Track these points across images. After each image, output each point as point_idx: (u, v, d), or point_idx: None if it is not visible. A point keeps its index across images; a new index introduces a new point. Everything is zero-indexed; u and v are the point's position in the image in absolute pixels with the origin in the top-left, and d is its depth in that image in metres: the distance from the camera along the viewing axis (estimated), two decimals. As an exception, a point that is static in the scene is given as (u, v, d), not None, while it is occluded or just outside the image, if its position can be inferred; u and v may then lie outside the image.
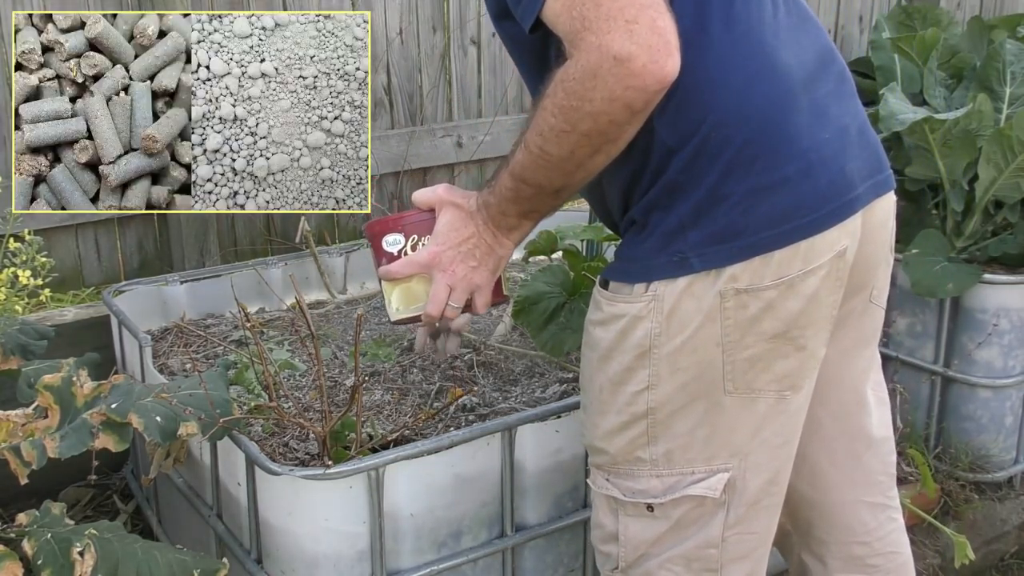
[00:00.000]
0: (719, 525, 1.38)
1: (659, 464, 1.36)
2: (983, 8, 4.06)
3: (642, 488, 1.38)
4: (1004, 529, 2.52)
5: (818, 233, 1.27)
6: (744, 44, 1.25)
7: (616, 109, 1.16)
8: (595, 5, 1.12)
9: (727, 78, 1.24)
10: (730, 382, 1.31)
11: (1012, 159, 2.36)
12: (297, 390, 1.95)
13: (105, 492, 2.35)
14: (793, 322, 1.29)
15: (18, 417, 1.47)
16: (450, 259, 1.38)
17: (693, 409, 1.33)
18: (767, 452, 1.37)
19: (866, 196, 1.34)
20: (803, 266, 1.27)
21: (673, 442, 1.35)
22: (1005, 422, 2.54)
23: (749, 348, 1.30)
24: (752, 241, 1.25)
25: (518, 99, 3.06)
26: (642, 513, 1.39)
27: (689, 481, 1.36)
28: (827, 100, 1.31)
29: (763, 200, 1.24)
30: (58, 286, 2.45)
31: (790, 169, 1.25)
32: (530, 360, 2.06)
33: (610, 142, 1.22)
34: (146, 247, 2.55)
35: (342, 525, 1.56)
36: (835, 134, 1.30)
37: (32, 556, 1.37)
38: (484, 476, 1.68)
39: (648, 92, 1.15)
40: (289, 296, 2.34)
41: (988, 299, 2.44)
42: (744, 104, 1.24)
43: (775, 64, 1.26)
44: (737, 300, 1.27)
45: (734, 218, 1.24)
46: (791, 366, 1.33)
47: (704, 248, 1.26)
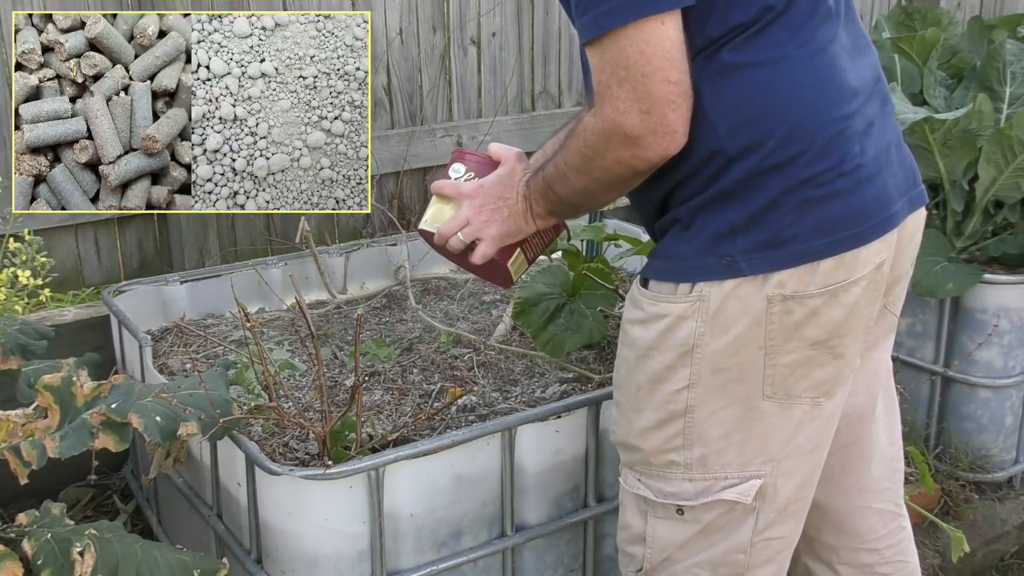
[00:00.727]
0: (748, 531, 1.40)
1: (693, 468, 1.38)
2: (983, 8, 4.06)
3: (674, 491, 1.40)
4: (1004, 529, 2.52)
5: (863, 245, 1.31)
6: (817, 64, 1.29)
7: (622, 169, 1.29)
8: (618, 84, 1.22)
9: (798, 97, 1.28)
10: (769, 386, 1.34)
11: (1012, 159, 2.36)
12: (297, 390, 1.95)
13: (105, 492, 2.35)
14: (835, 330, 1.33)
15: (18, 417, 1.47)
16: (482, 201, 1.47)
17: (731, 412, 1.35)
18: (799, 458, 1.39)
19: (903, 211, 1.38)
20: (847, 276, 1.30)
21: (708, 446, 1.37)
22: (1005, 422, 2.54)
23: (791, 354, 1.33)
24: (800, 249, 1.28)
25: (518, 99, 3.06)
26: (672, 516, 1.41)
27: (722, 486, 1.38)
28: (875, 118, 1.35)
29: (813, 210, 1.28)
30: (58, 286, 2.45)
31: (842, 183, 1.29)
32: (530, 360, 2.06)
33: (619, 189, 1.36)
34: (146, 247, 2.55)
35: (342, 525, 1.56)
36: (880, 151, 1.34)
37: (32, 556, 1.37)
38: (484, 476, 1.68)
39: (651, 163, 1.27)
40: (289, 296, 2.34)
41: (988, 299, 2.44)
42: (812, 124, 1.28)
43: (841, 84, 1.31)
44: (783, 306, 1.30)
45: (784, 226, 1.28)
46: (828, 373, 1.36)
47: (753, 253, 1.29)
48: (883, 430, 1.59)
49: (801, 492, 1.42)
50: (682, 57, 1.22)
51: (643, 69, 1.20)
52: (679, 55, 1.22)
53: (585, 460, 1.79)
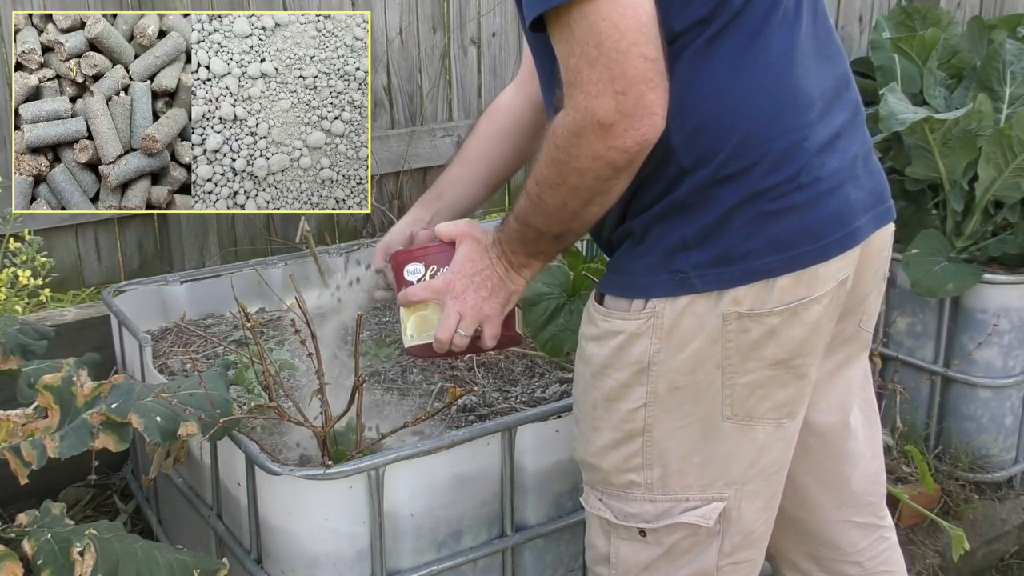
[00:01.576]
0: (714, 555, 1.36)
1: (654, 488, 1.35)
2: (983, 8, 4.06)
3: (635, 512, 1.37)
4: (1004, 529, 2.52)
5: (822, 262, 1.26)
6: (775, 73, 1.24)
7: (599, 166, 1.18)
8: (589, 66, 1.12)
9: (752, 106, 1.23)
10: (728, 407, 1.30)
11: (1012, 159, 2.36)
12: (297, 390, 1.95)
13: (105, 492, 2.35)
14: (796, 350, 1.29)
15: (18, 417, 1.47)
16: (463, 287, 1.39)
17: (690, 432, 1.31)
18: (763, 480, 1.36)
19: (868, 227, 1.33)
20: (807, 293, 1.26)
21: (668, 467, 1.33)
22: (1005, 422, 2.54)
23: (750, 373, 1.28)
24: (755, 265, 1.24)
25: (518, 99, 3.05)
26: (634, 537, 1.38)
27: (683, 508, 1.34)
28: (840, 129, 1.30)
29: (769, 226, 1.23)
30: (58, 286, 2.45)
31: (799, 197, 1.24)
32: (530, 360, 2.06)
33: (600, 195, 1.23)
34: (146, 247, 2.55)
35: (342, 525, 1.56)
36: (844, 164, 1.29)
37: (32, 556, 1.37)
38: (484, 476, 1.68)
39: (629, 153, 1.16)
40: (289, 296, 2.34)
41: (988, 299, 2.44)
42: (766, 134, 1.23)
43: (799, 93, 1.25)
44: (739, 324, 1.25)
45: (738, 241, 1.23)
46: (790, 394, 1.32)
47: (706, 269, 1.24)
48: (864, 444, 1.56)
49: (765, 514, 1.40)
50: (658, 32, 1.13)
51: (617, 45, 1.10)
52: (655, 30, 1.13)
53: (585, 460, 1.79)
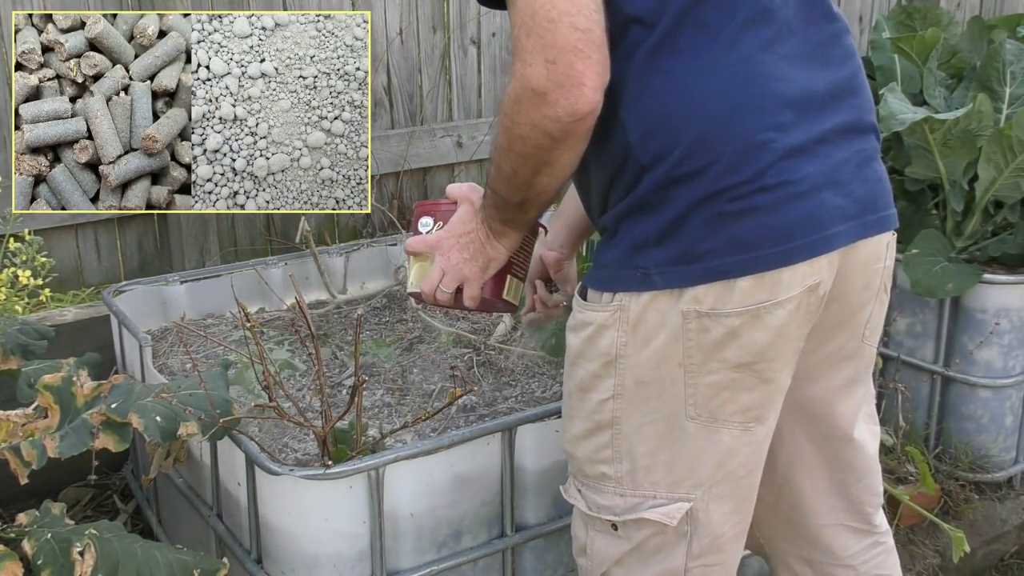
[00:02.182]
0: (682, 556, 1.37)
1: (623, 482, 1.36)
2: (983, 8, 4.06)
3: (607, 504, 1.39)
4: (1004, 529, 2.52)
5: (784, 266, 1.24)
6: (737, 74, 1.23)
7: (537, 135, 1.20)
8: (526, 35, 1.16)
9: (709, 106, 1.23)
10: (692, 407, 1.30)
11: (1012, 159, 2.36)
12: (297, 390, 1.95)
13: (105, 492, 2.35)
14: (760, 354, 1.28)
15: (18, 417, 1.47)
16: (448, 246, 1.44)
17: (656, 429, 1.32)
18: (732, 484, 1.36)
19: (848, 235, 1.30)
20: (769, 297, 1.25)
21: (636, 462, 1.35)
22: (1005, 422, 2.54)
23: (712, 374, 1.28)
24: (714, 265, 1.24)
25: (518, 99, 3.06)
26: (607, 530, 1.40)
27: (649, 504, 1.35)
28: (826, 134, 1.28)
29: (727, 226, 1.23)
30: (58, 286, 2.45)
31: (760, 199, 1.23)
32: (530, 360, 2.06)
33: (545, 164, 1.24)
34: (146, 247, 2.55)
35: (342, 525, 1.56)
36: (823, 169, 1.26)
37: (32, 556, 1.37)
38: (484, 476, 1.68)
39: (562, 123, 1.18)
40: (289, 296, 2.34)
41: (988, 299, 2.44)
42: (723, 135, 1.22)
43: (767, 94, 1.24)
44: (699, 323, 1.26)
45: (696, 241, 1.24)
46: (756, 398, 1.31)
47: (666, 267, 1.25)
48: (863, 454, 1.55)
49: (735, 517, 1.39)
50: (593, 6, 1.16)
51: (549, 14, 1.14)
52: (590, 3, 1.15)
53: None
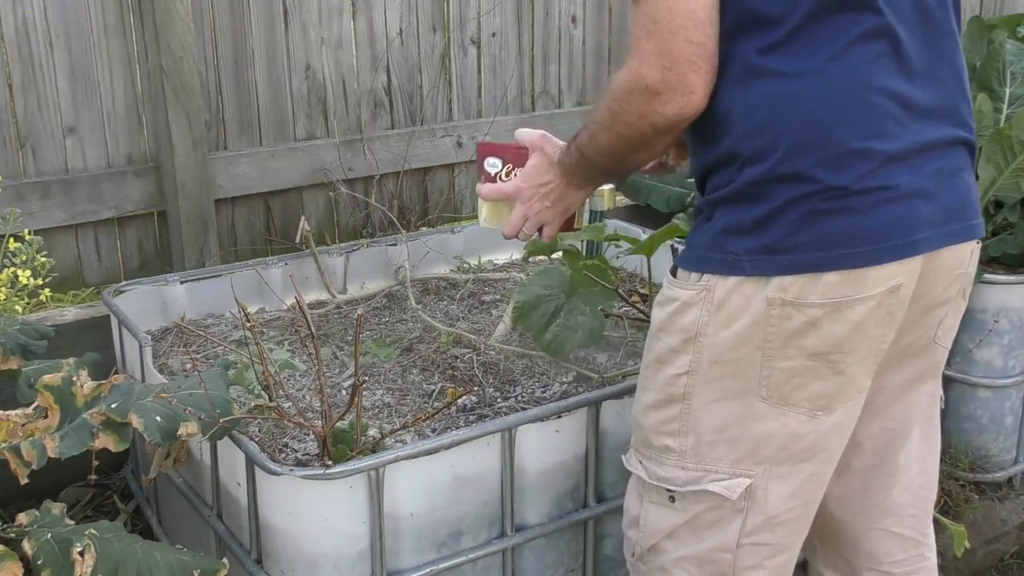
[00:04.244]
0: (735, 531, 1.42)
1: (686, 455, 1.42)
2: (983, 8, 4.06)
3: (667, 476, 1.44)
4: (1004, 529, 2.51)
5: (870, 266, 1.30)
6: (845, 82, 1.29)
7: (643, 125, 1.33)
8: (647, 36, 1.28)
9: (814, 111, 1.28)
10: (765, 388, 1.36)
11: (1012, 159, 2.36)
12: (297, 390, 1.95)
13: (105, 492, 2.35)
14: (836, 345, 1.33)
15: (18, 417, 1.47)
16: (529, 196, 1.59)
17: (726, 407, 1.38)
18: (792, 466, 1.40)
19: (935, 240, 1.35)
20: (852, 292, 1.30)
21: (701, 436, 1.40)
22: (1005, 422, 2.54)
23: (789, 360, 1.34)
24: (802, 258, 1.30)
25: (518, 99, 3.06)
26: (664, 502, 1.45)
27: (711, 478, 1.41)
28: (926, 146, 1.33)
29: (820, 223, 1.29)
30: (58, 286, 2.45)
31: (855, 202, 1.28)
32: (530, 360, 2.06)
33: (642, 147, 1.39)
34: (146, 247, 2.55)
35: (342, 525, 1.56)
36: (918, 179, 1.32)
37: (32, 556, 1.37)
38: (484, 476, 1.68)
39: (668, 119, 1.31)
40: (289, 296, 2.34)
41: (988, 299, 2.44)
42: (824, 140, 1.28)
43: (869, 106, 1.29)
44: (782, 310, 1.31)
45: (787, 234, 1.30)
46: (827, 388, 1.36)
47: (757, 255, 1.32)
48: (915, 458, 1.58)
49: (793, 502, 1.42)
50: (708, 21, 1.27)
51: (669, 25, 1.26)
52: (705, 18, 1.27)
53: (585, 460, 1.79)
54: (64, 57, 2.34)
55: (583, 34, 3.15)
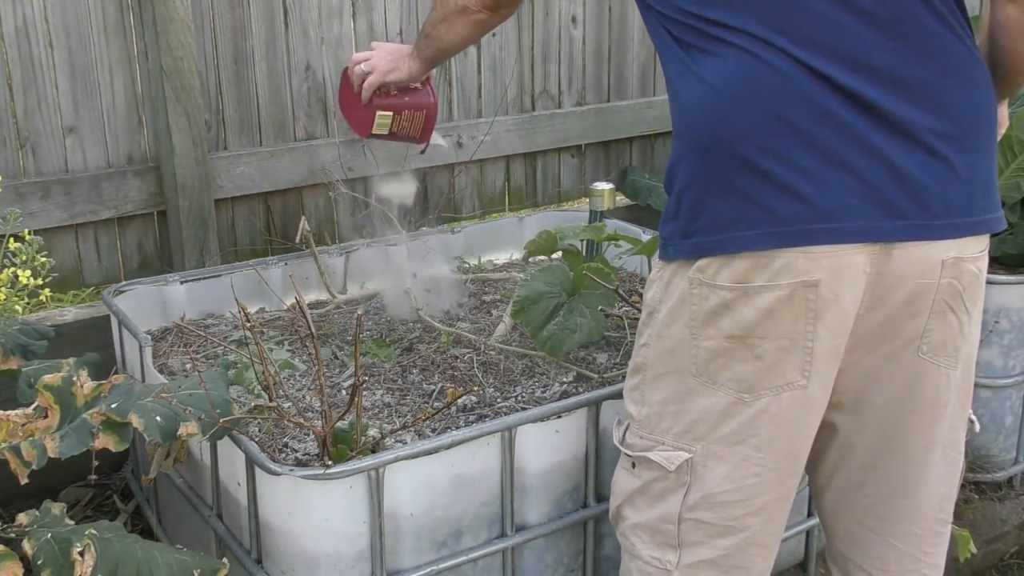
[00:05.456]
0: (677, 504, 1.48)
1: (642, 425, 1.51)
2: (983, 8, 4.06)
3: (630, 442, 1.54)
4: (1004, 529, 2.52)
5: (761, 249, 1.33)
6: (768, 62, 1.31)
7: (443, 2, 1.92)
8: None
9: (724, 89, 1.34)
10: (695, 366, 1.42)
11: (1012, 159, 2.36)
12: (297, 390, 1.95)
13: (105, 492, 2.35)
14: (749, 330, 1.37)
15: (18, 417, 1.47)
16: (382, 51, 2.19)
17: (668, 381, 1.46)
18: (726, 447, 1.44)
19: (864, 232, 1.31)
20: (760, 280, 1.35)
21: (651, 408, 1.50)
22: (1005, 422, 2.54)
23: (710, 339, 1.40)
24: (699, 242, 1.38)
25: (518, 99, 3.06)
26: (628, 467, 1.55)
27: (658, 449, 1.48)
28: (865, 133, 1.30)
29: (713, 206, 1.35)
30: (58, 286, 2.45)
31: (749, 184, 1.32)
32: (530, 360, 2.06)
33: (445, 19, 1.95)
34: (146, 247, 2.55)
35: (342, 525, 1.56)
36: (847, 166, 1.29)
37: (32, 556, 1.37)
38: (484, 476, 1.68)
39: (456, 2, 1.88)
40: (289, 296, 2.34)
41: (988, 299, 2.40)
42: (718, 113, 1.34)
43: (796, 85, 1.30)
44: (700, 291, 1.39)
45: (690, 218, 1.38)
46: (748, 371, 1.40)
47: (675, 240, 1.42)
48: (930, 478, 1.54)
49: (729, 484, 1.44)
50: None
51: None
52: None
53: (585, 460, 1.79)
54: (64, 57, 2.34)
55: (583, 34, 3.15)
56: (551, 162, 3.17)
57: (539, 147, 3.10)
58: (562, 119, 3.12)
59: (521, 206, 3.10)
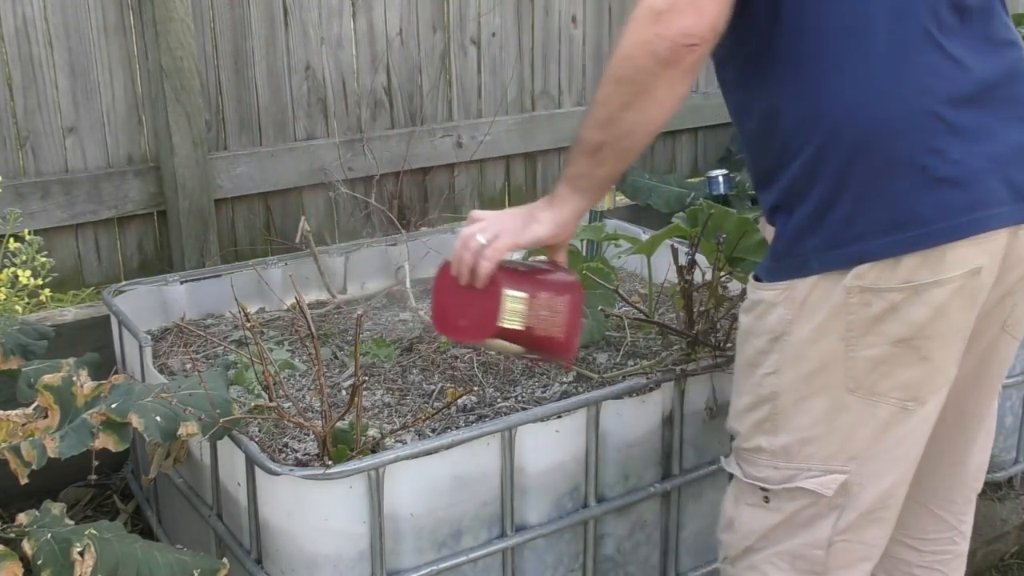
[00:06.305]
0: (828, 527, 1.41)
1: (778, 455, 1.42)
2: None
3: (761, 476, 1.45)
4: (1004, 529, 2.52)
5: (933, 246, 1.28)
6: (888, 59, 1.28)
7: (643, 55, 1.25)
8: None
9: (856, 91, 1.28)
10: (851, 379, 1.35)
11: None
12: (297, 390, 1.95)
13: (105, 492, 2.35)
14: (919, 330, 1.32)
15: (18, 417, 1.47)
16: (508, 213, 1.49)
17: (815, 403, 1.38)
18: (885, 461, 1.39)
19: (1010, 216, 1.32)
20: (931, 276, 1.29)
21: (792, 435, 1.40)
22: (1005, 422, 2.54)
23: (872, 348, 1.33)
24: (859, 249, 1.30)
25: (518, 99, 3.06)
26: (758, 503, 1.46)
27: (804, 476, 1.40)
28: (994, 119, 1.31)
29: (873, 209, 1.29)
30: (58, 286, 2.45)
31: (905, 183, 1.28)
32: (530, 360, 2.06)
33: (639, 95, 1.28)
34: (146, 247, 2.55)
35: (342, 525, 1.56)
36: (990, 151, 1.30)
37: (32, 556, 1.37)
38: (484, 476, 1.68)
39: (671, 41, 1.23)
40: (289, 296, 2.34)
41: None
42: (863, 116, 1.28)
43: (916, 81, 1.28)
44: (861, 297, 1.31)
45: (845, 226, 1.30)
46: (915, 376, 1.35)
47: (821, 253, 1.32)
48: (966, 446, 1.57)
49: (887, 500, 1.41)
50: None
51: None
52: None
53: (585, 460, 1.79)
54: (64, 57, 2.34)
55: (583, 34, 3.15)
56: (551, 162, 3.17)
57: (539, 147, 3.10)
58: (562, 119, 3.12)
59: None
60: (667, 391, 1.86)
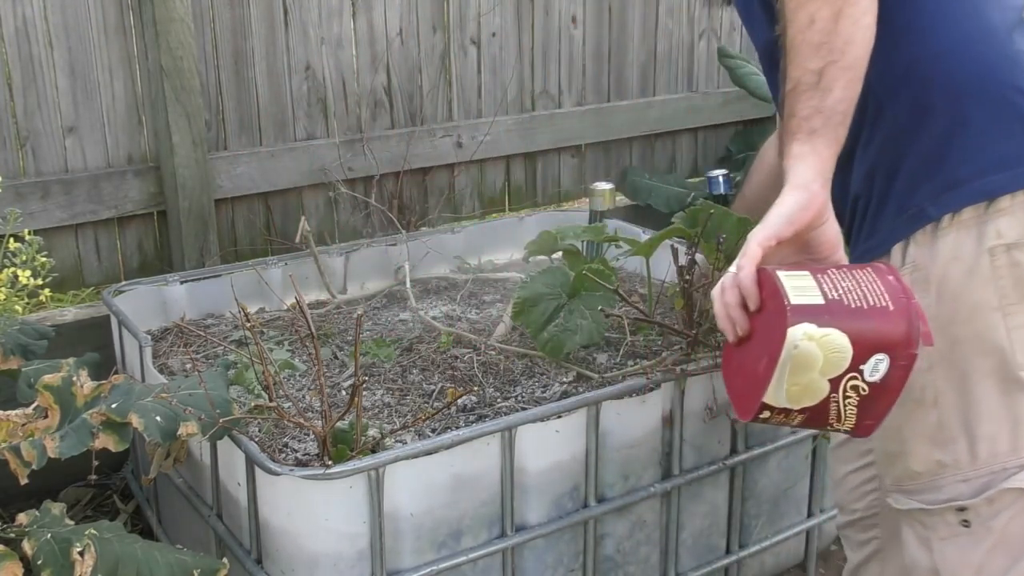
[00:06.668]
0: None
1: (962, 465, 1.23)
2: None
3: (949, 496, 1.24)
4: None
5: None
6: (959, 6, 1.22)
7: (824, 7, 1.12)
8: None
9: (939, 35, 1.21)
10: (1021, 353, 1.19)
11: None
12: (297, 390, 1.95)
13: (105, 492, 2.35)
14: None
15: (18, 417, 1.47)
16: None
17: (986, 390, 1.20)
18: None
19: None
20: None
21: (971, 433, 1.22)
22: (1005, 422, 2.53)
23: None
24: (983, 184, 1.18)
25: (518, 99, 3.06)
26: (957, 531, 1.24)
27: (1002, 477, 1.21)
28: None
29: (987, 145, 1.19)
30: (58, 286, 2.45)
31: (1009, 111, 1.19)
32: (530, 360, 2.06)
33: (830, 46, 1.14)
34: (146, 247, 2.55)
35: (342, 525, 1.56)
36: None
37: (32, 556, 1.37)
38: (484, 476, 1.68)
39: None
40: (289, 296, 2.34)
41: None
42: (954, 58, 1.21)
43: (986, 24, 1.22)
44: (1008, 257, 1.18)
45: (958, 164, 1.19)
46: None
47: (938, 195, 1.19)
48: None
49: None
50: None
51: None
52: None
53: (585, 460, 1.79)
54: (64, 57, 2.34)
55: (583, 34, 3.15)
56: (551, 162, 3.17)
57: (539, 147, 3.10)
58: (562, 119, 3.12)
59: (521, 206, 3.10)
60: (667, 391, 1.86)
